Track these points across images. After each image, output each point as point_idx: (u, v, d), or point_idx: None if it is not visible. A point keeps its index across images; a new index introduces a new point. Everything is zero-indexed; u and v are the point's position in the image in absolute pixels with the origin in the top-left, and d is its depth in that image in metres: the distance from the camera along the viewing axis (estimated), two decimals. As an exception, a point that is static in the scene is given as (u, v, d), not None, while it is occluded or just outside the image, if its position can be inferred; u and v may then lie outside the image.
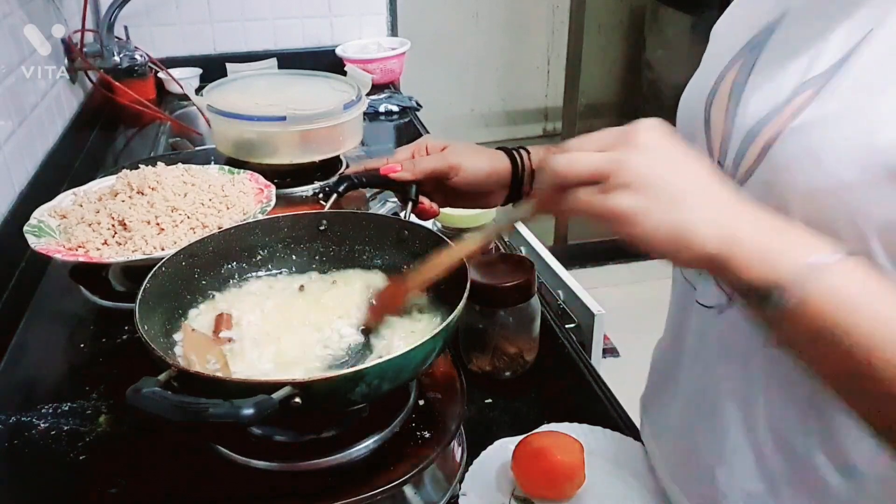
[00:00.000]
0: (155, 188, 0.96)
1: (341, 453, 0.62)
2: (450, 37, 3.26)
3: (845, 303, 0.41)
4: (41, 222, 0.94)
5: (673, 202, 0.43)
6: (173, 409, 0.49)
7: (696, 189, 0.44)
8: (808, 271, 0.41)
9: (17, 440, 0.74)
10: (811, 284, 0.41)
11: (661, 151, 0.45)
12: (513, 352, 0.83)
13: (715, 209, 0.43)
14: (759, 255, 0.42)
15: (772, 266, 0.42)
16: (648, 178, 0.43)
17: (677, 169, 0.44)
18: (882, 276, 0.42)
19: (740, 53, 0.57)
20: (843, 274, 0.41)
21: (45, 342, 0.94)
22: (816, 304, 0.41)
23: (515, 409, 0.80)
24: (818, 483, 0.54)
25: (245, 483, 0.62)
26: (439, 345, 0.60)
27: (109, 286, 0.97)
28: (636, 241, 0.43)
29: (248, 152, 1.26)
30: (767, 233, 0.43)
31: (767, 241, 0.43)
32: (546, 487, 0.67)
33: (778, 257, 0.42)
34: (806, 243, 0.43)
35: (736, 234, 0.43)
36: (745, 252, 0.42)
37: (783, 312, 0.41)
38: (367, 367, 0.53)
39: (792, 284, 0.41)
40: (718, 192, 0.44)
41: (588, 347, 1.15)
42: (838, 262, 0.41)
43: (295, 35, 1.98)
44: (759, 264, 0.42)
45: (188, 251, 0.71)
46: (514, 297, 0.79)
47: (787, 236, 0.43)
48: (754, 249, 0.42)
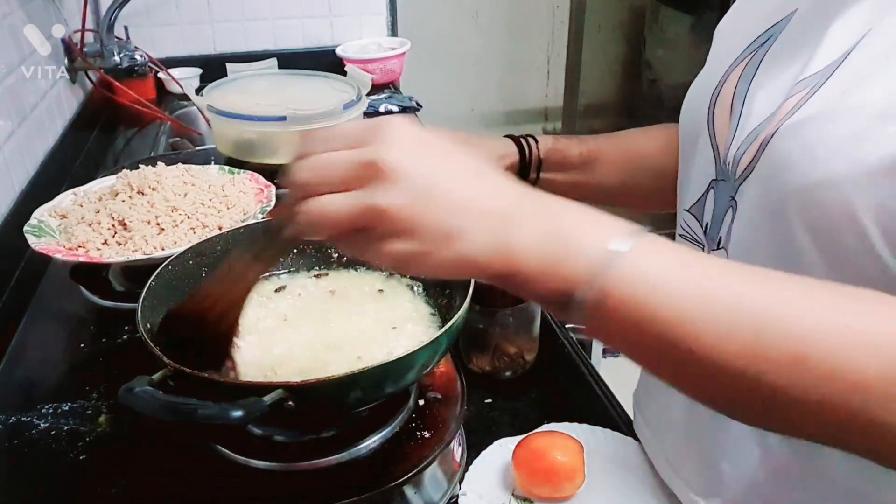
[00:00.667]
0: (155, 188, 0.96)
1: (341, 453, 0.62)
2: (450, 37, 3.26)
3: (647, 286, 0.38)
4: (41, 222, 0.94)
5: (445, 238, 0.40)
6: (163, 409, 0.49)
7: (463, 209, 0.40)
8: (601, 264, 0.39)
9: (17, 440, 0.74)
10: (606, 278, 0.38)
11: (416, 174, 0.40)
12: (513, 352, 0.83)
13: (488, 228, 0.40)
14: (542, 265, 0.40)
15: (559, 269, 0.39)
16: (413, 220, 0.40)
17: (439, 192, 0.40)
18: (682, 249, 0.41)
19: (745, 52, 0.57)
20: (640, 257, 0.39)
21: (45, 342, 0.94)
22: (617, 295, 0.39)
23: (515, 409, 0.80)
24: (822, 472, 0.54)
25: (245, 483, 0.62)
26: (441, 348, 0.60)
27: (109, 286, 0.97)
28: (427, 276, 0.42)
29: (248, 152, 1.26)
30: (551, 232, 0.40)
31: (550, 244, 0.40)
32: (546, 487, 0.67)
33: (564, 257, 0.39)
34: (596, 232, 0.40)
35: (512, 248, 0.40)
36: (530, 265, 0.40)
37: (586, 312, 0.39)
38: (361, 371, 0.53)
39: (585, 282, 0.39)
40: (488, 201, 0.41)
41: (588, 347, 1.16)
42: (634, 248, 0.39)
43: (295, 35, 1.98)
44: (546, 272, 0.40)
45: (196, 250, 0.71)
46: (514, 297, 0.79)
47: (574, 229, 0.40)
48: (537, 260, 0.40)
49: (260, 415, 0.49)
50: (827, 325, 0.37)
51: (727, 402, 0.40)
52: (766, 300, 0.38)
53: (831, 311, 0.38)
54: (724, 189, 0.57)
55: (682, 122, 0.65)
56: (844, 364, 0.36)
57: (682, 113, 0.65)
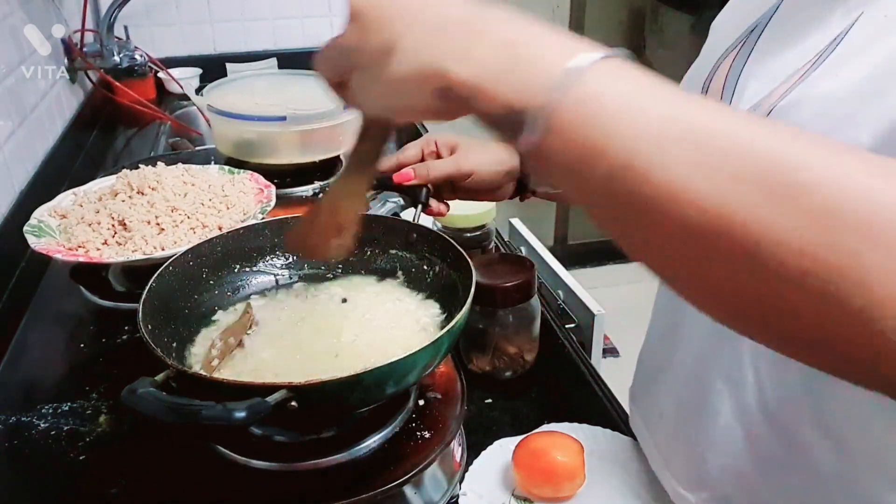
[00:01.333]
0: (155, 188, 0.96)
1: (341, 453, 0.62)
2: (450, 37, 3.26)
3: (601, 108, 0.32)
4: (41, 222, 0.94)
5: (384, 54, 0.38)
6: (166, 411, 0.49)
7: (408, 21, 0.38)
8: (560, 81, 0.33)
9: (17, 440, 0.74)
10: (564, 95, 0.33)
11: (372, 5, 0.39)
12: (513, 352, 0.83)
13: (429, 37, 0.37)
14: (492, 78, 0.35)
15: (510, 86, 0.34)
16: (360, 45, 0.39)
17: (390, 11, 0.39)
18: (651, 75, 0.34)
19: (738, 41, 0.58)
20: (600, 76, 0.33)
21: (45, 342, 0.94)
22: (567, 117, 0.33)
23: (515, 409, 0.80)
24: (808, 460, 0.54)
25: (245, 483, 0.62)
26: (443, 349, 0.60)
27: (109, 286, 0.97)
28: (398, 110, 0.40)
29: (248, 152, 1.26)
30: (504, 46, 0.35)
31: (505, 56, 0.35)
32: (546, 487, 0.67)
33: (516, 72, 0.34)
34: (557, 48, 0.34)
35: (460, 60, 0.36)
36: (476, 78, 0.35)
37: (535, 135, 0.34)
38: (364, 371, 0.53)
39: (537, 101, 0.33)
40: (439, 11, 0.38)
41: (588, 347, 1.15)
42: (593, 65, 0.33)
43: (295, 35, 1.98)
44: (495, 87, 0.35)
45: (196, 251, 0.71)
46: (514, 297, 0.79)
47: (529, 43, 0.35)
48: (486, 72, 0.35)
49: (264, 415, 0.49)
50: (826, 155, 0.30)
51: (691, 270, 0.33)
52: (749, 128, 0.31)
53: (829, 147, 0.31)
54: None
55: None
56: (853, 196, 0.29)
57: None
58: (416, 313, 0.71)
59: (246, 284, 0.75)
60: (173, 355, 0.64)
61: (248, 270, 0.76)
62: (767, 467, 0.57)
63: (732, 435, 0.58)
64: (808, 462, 0.54)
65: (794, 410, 0.54)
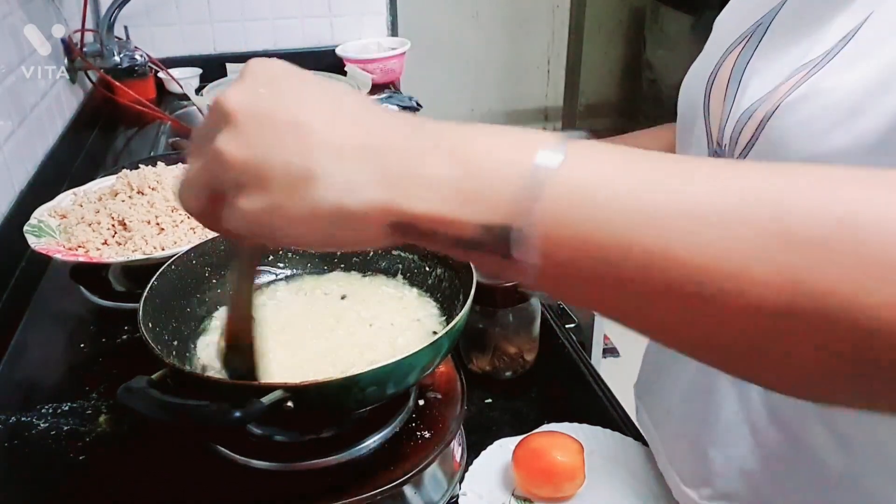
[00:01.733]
0: (155, 188, 0.96)
1: (341, 453, 0.62)
2: (450, 37, 3.26)
3: (590, 201, 0.29)
4: (41, 222, 0.94)
5: (297, 182, 0.31)
6: (160, 409, 0.49)
7: (324, 143, 0.32)
8: (530, 187, 0.30)
9: (17, 440, 0.74)
10: (537, 202, 0.29)
11: (261, 105, 0.33)
12: (513, 352, 0.83)
13: (360, 165, 0.31)
14: (453, 204, 0.31)
15: (478, 206, 0.30)
16: (257, 165, 0.32)
17: (291, 125, 0.32)
18: (619, 148, 0.31)
19: (742, 37, 0.58)
20: (574, 167, 0.30)
21: (45, 342, 0.94)
22: (552, 220, 0.30)
23: (515, 409, 0.80)
24: (814, 458, 0.53)
25: (245, 483, 0.62)
26: (443, 349, 0.60)
27: (109, 286, 0.97)
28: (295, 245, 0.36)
29: (248, 152, 1.26)
30: (457, 164, 0.31)
31: (461, 175, 0.31)
32: (546, 487, 0.67)
33: (481, 190, 0.30)
34: (510, 152, 0.31)
35: (407, 188, 0.31)
36: (434, 208, 0.31)
37: (523, 252, 0.30)
38: (361, 372, 0.53)
39: (518, 213, 0.30)
40: (362, 133, 0.32)
41: (588, 347, 1.16)
42: (563, 158, 0.30)
43: (295, 35, 1.98)
44: (459, 211, 0.31)
45: (199, 250, 0.71)
46: (514, 297, 0.79)
47: (486, 155, 0.31)
48: (444, 199, 0.31)
49: (258, 416, 0.49)
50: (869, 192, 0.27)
51: (748, 347, 0.29)
52: (770, 181, 0.28)
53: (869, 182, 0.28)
54: None
55: (679, 109, 0.65)
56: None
57: (679, 100, 0.65)
58: (416, 313, 0.71)
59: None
60: (174, 354, 0.64)
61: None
62: (772, 464, 0.57)
63: (736, 430, 0.58)
64: (813, 460, 0.54)
65: (800, 408, 0.54)
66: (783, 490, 0.57)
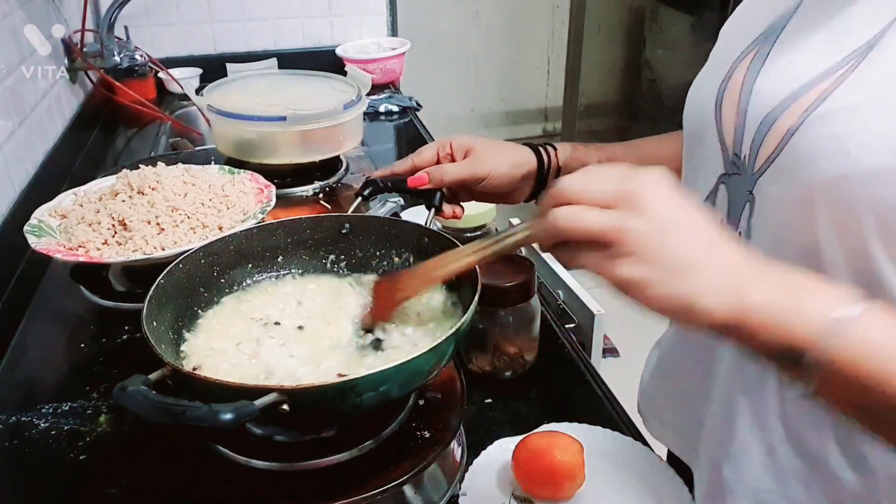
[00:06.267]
0: (155, 188, 0.96)
1: (341, 453, 0.62)
2: (450, 37, 3.27)
3: (877, 353, 0.40)
4: (41, 222, 0.94)
5: (678, 272, 0.43)
6: (153, 409, 0.49)
7: (701, 255, 0.43)
8: (832, 328, 0.41)
9: (17, 440, 0.74)
10: (836, 341, 0.40)
11: (665, 213, 0.44)
12: (513, 352, 0.83)
13: (722, 276, 0.43)
14: (773, 320, 0.42)
15: (789, 329, 0.41)
16: (653, 248, 0.43)
17: (682, 234, 0.44)
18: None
19: (754, 44, 0.57)
20: (868, 324, 0.41)
21: (45, 342, 0.94)
22: (845, 360, 0.40)
23: (515, 409, 0.80)
24: (830, 478, 0.53)
25: (245, 483, 0.62)
26: (449, 351, 0.59)
27: (109, 286, 0.97)
28: (645, 307, 0.44)
29: (248, 152, 1.26)
30: (780, 294, 0.42)
31: (780, 302, 0.42)
32: (546, 487, 0.67)
33: (794, 319, 0.41)
34: (823, 298, 0.42)
35: (745, 300, 0.42)
36: (758, 318, 0.42)
37: (809, 372, 0.41)
38: (358, 377, 0.52)
39: (815, 344, 0.41)
40: (725, 255, 0.44)
41: (588, 347, 1.16)
42: (861, 314, 0.41)
43: (295, 35, 1.98)
44: (774, 329, 0.42)
45: (208, 249, 0.71)
46: (514, 297, 0.79)
47: (802, 293, 0.42)
48: (768, 314, 0.42)
49: (250, 418, 0.49)
50: None
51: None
52: None
53: None
54: (739, 183, 0.56)
55: (686, 120, 0.64)
56: None
57: (687, 110, 0.64)
58: (419, 313, 0.70)
59: (258, 283, 0.75)
60: (176, 353, 0.64)
61: (259, 269, 0.76)
62: (787, 482, 0.57)
63: (750, 448, 0.58)
64: (829, 481, 0.54)
65: (819, 429, 0.54)
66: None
